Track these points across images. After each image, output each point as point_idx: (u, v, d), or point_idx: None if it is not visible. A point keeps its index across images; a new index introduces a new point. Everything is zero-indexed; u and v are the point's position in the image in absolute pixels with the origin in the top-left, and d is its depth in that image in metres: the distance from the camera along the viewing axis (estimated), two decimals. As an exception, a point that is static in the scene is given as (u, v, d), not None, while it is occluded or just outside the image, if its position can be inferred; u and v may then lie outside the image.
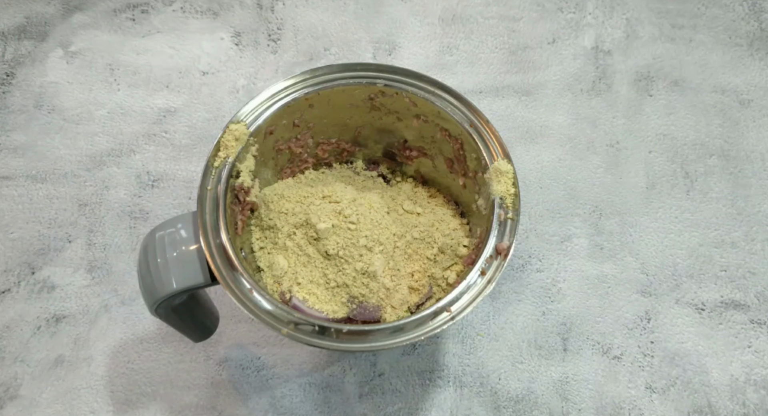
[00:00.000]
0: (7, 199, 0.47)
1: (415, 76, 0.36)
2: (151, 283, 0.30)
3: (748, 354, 0.44)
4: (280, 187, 0.38)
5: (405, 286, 0.36)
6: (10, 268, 0.45)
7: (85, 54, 0.53)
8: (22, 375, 0.42)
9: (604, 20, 0.56)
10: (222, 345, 0.43)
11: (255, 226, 0.37)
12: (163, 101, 0.51)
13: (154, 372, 0.42)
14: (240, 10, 0.55)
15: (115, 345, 0.43)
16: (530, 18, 0.56)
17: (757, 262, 0.47)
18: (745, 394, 0.43)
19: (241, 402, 0.42)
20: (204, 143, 0.50)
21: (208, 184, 0.33)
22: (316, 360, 0.43)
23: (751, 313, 0.45)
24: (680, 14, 0.56)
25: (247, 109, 0.35)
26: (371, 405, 0.42)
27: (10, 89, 0.51)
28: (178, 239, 0.31)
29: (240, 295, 0.30)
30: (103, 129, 0.50)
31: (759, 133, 0.51)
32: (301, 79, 0.36)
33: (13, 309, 0.44)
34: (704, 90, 0.53)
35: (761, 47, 0.55)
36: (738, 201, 0.49)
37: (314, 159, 0.41)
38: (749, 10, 0.56)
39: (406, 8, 0.56)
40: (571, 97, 0.52)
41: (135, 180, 0.48)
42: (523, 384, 0.42)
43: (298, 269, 0.36)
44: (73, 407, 0.41)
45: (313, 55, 0.53)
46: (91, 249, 0.46)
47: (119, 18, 0.55)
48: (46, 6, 0.55)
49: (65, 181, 0.48)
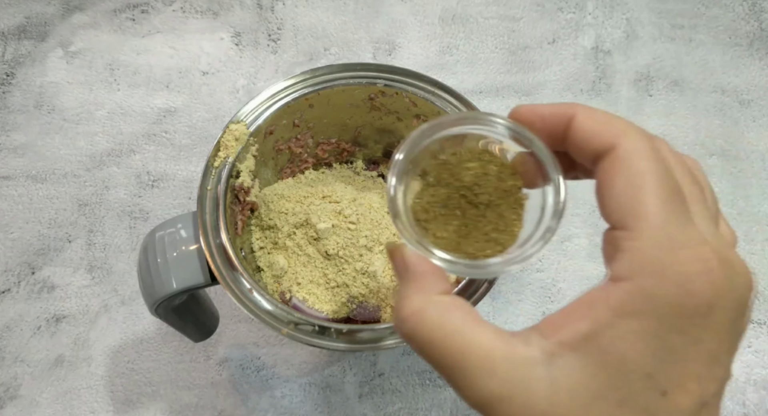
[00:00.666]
0: (7, 199, 0.47)
1: (415, 76, 0.36)
2: (151, 283, 0.30)
3: (748, 354, 0.44)
4: (280, 187, 0.38)
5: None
6: (10, 268, 0.45)
7: (85, 54, 0.53)
8: (22, 375, 0.42)
9: (604, 20, 0.56)
10: (222, 345, 0.43)
11: (255, 226, 0.37)
12: (163, 101, 0.51)
13: (154, 372, 0.42)
14: (240, 10, 0.55)
15: (115, 345, 0.43)
16: (530, 18, 0.56)
17: (757, 262, 0.47)
18: (745, 394, 0.43)
19: (241, 402, 0.42)
20: (204, 143, 0.50)
21: (208, 184, 0.33)
22: (316, 360, 0.43)
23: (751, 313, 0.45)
24: (680, 14, 0.56)
25: (247, 109, 0.35)
26: (371, 405, 0.42)
27: (10, 89, 0.51)
28: (178, 239, 0.31)
29: (240, 295, 0.30)
30: (103, 129, 0.50)
31: (759, 133, 0.51)
32: (301, 79, 0.36)
33: (13, 309, 0.44)
34: (704, 90, 0.53)
35: (761, 47, 0.55)
36: (738, 201, 0.49)
37: (314, 159, 0.41)
38: (749, 10, 0.56)
39: (406, 8, 0.56)
40: (571, 97, 0.52)
41: (135, 180, 0.48)
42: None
43: (298, 269, 0.36)
44: (73, 407, 0.41)
45: (313, 55, 0.53)
46: (91, 249, 0.46)
47: (119, 18, 0.55)
48: (46, 6, 0.55)
49: (65, 181, 0.48)
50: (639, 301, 0.17)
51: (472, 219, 0.23)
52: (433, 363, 0.19)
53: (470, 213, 0.23)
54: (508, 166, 0.23)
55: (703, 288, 0.17)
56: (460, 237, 0.22)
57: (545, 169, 0.21)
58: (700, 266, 0.17)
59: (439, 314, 0.19)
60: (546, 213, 0.21)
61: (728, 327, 0.18)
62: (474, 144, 0.23)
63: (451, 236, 0.22)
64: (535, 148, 0.21)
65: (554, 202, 0.21)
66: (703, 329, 0.17)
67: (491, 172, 0.23)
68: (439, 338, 0.19)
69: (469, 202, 0.23)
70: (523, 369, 0.18)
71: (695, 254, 0.17)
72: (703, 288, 0.17)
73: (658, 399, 0.17)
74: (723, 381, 0.18)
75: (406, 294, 0.20)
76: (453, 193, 0.23)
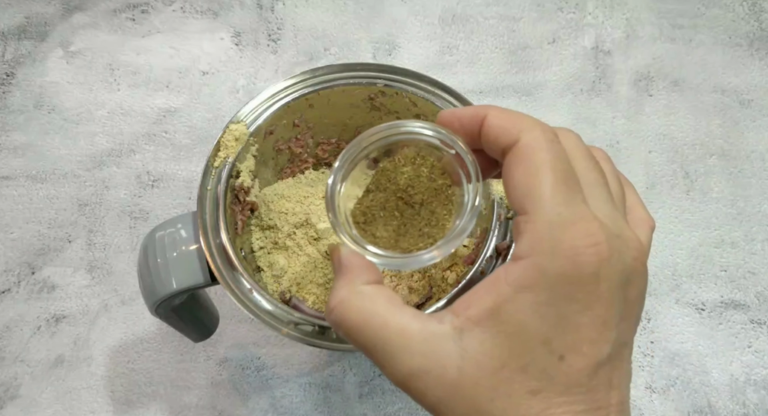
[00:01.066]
0: (7, 199, 0.47)
1: (415, 76, 0.36)
2: (151, 283, 0.30)
3: (748, 354, 0.44)
4: (280, 187, 0.38)
5: (405, 286, 0.36)
6: (10, 268, 0.45)
7: (85, 54, 0.53)
8: (22, 375, 0.42)
9: (604, 20, 0.56)
10: (222, 345, 0.43)
11: (255, 226, 0.37)
12: (163, 101, 0.51)
13: (154, 372, 0.42)
14: (240, 10, 0.55)
15: (115, 345, 0.43)
16: (530, 18, 0.56)
17: (757, 262, 0.47)
18: (745, 394, 0.43)
19: (241, 402, 0.42)
20: (204, 143, 0.50)
21: (208, 183, 0.33)
22: (316, 360, 0.43)
23: (751, 313, 0.45)
24: (680, 14, 0.56)
25: (247, 109, 0.35)
26: (371, 405, 0.42)
27: (10, 89, 0.51)
28: (178, 239, 0.31)
29: (240, 295, 0.30)
30: (103, 129, 0.50)
31: (759, 133, 0.51)
32: (301, 79, 0.36)
33: (13, 309, 0.44)
34: (704, 90, 0.53)
35: (761, 47, 0.55)
36: (738, 201, 0.49)
37: (314, 159, 0.41)
38: (749, 10, 0.56)
39: (406, 8, 0.56)
40: (571, 97, 0.52)
41: (135, 180, 0.48)
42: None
43: (298, 269, 0.36)
44: (73, 407, 0.41)
45: (313, 55, 0.53)
46: (91, 249, 0.46)
47: (119, 18, 0.55)
48: (46, 6, 0.55)
49: (65, 181, 0.48)
50: (533, 275, 0.19)
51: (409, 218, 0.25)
52: (359, 347, 0.21)
53: (407, 213, 0.25)
54: (438, 167, 0.25)
55: (590, 260, 0.19)
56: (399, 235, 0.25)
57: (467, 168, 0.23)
58: (587, 240, 0.19)
59: (361, 301, 0.21)
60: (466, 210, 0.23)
61: (615, 294, 0.19)
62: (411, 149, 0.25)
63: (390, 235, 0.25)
64: (458, 149, 0.23)
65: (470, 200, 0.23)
66: (592, 296, 0.19)
67: (423, 174, 0.25)
68: (361, 323, 0.21)
69: (405, 203, 0.25)
70: (436, 344, 0.19)
71: (583, 229, 0.19)
72: (589, 260, 0.19)
73: (556, 363, 0.19)
74: (616, 343, 0.19)
75: (336, 286, 0.22)
76: (390, 196, 0.25)
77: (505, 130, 0.21)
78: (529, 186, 0.20)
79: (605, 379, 0.19)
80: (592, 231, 0.19)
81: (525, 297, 0.19)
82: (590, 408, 0.19)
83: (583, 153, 0.21)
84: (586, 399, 0.19)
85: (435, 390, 0.19)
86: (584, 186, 0.20)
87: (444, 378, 0.19)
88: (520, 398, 0.19)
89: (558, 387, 0.19)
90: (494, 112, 0.22)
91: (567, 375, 0.19)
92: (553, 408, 0.19)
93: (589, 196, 0.20)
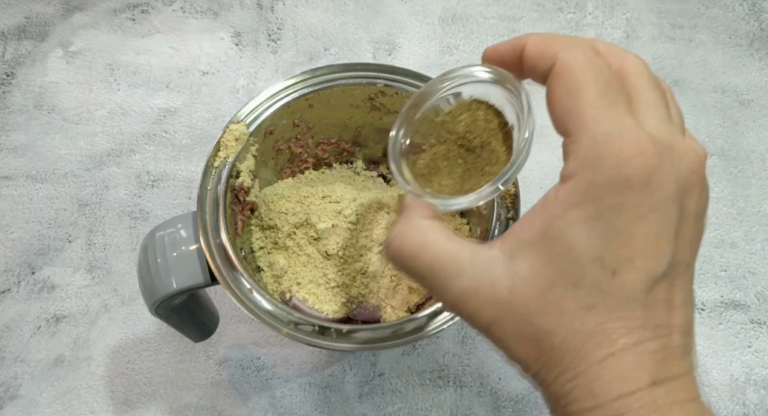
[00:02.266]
0: (7, 199, 0.47)
1: (415, 76, 0.36)
2: (151, 283, 0.30)
3: (748, 354, 0.44)
4: (280, 187, 0.38)
5: (405, 286, 0.36)
6: (10, 268, 0.45)
7: (85, 54, 0.53)
8: (22, 375, 0.42)
9: (604, 20, 0.56)
10: (222, 345, 0.43)
11: (255, 226, 0.37)
12: (163, 101, 0.51)
13: (154, 372, 0.42)
14: (240, 10, 0.55)
15: (115, 345, 0.43)
16: (530, 18, 0.56)
17: (757, 262, 0.47)
18: (745, 394, 0.43)
19: (241, 402, 0.42)
20: (204, 143, 0.50)
21: (208, 184, 0.33)
22: (316, 360, 0.43)
23: (751, 313, 0.45)
24: (680, 14, 0.56)
25: (247, 109, 0.35)
26: (371, 405, 0.42)
27: (10, 89, 0.51)
28: (178, 239, 0.31)
29: (240, 295, 0.30)
30: (103, 129, 0.50)
31: (759, 133, 0.51)
32: (301, 79, 0.36)
33: (13, 309, 0.44)
34: (704, 90, 0.53)
35: (761, 47, 0.55)
36: (738, 201, 0.49)
37: (314, 159, 0.41)
38: (749, 10, 0.56)
39: (406, 8, 0.56)
40: (571, 97, 0.52)
41: (135, 180, 0.48)
42: (523, 384, 0.42)
43: (298, 269, 0.36)
44: (73, 407, 0.41)
45: (313, 55, 0.53)
46: (91, 249, 0.46)
47: (119, 18, 0.55)
48: (46, 6, 0.55)
49: (65, 181, 0.48)
50: (580, 191, 0.19)
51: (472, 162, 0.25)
52: (413, 275, 0.22)
53: (470, 158, 0.25)
54: (493, 108, 0.25)
55: (636, 169, 0.18)
56: (464, 180, 0.25)
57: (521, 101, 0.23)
58: (633, 149, 0.18)
59: (417, 232, 0.22)
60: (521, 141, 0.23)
61: (668, 204, 0.18)
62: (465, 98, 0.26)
63: (456, 181, 0.25)
64: (509, 83, 0.23)
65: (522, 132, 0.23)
66: (642, 207, 0.18)
67: (479, 118, 0.25)
68: (416, 250, 0.21)
69: (467, 150, 0.25)
70: (486, 267, 0.20)
71: (629, 140, 0.18)
72: (635, 169, 0.18)
73: (609, 278, 0.18)
74: (673, 260, 0.19)
75: (395, 223, 0.23)
76: (452, 147, 0.26)
77: (543, 54, 0.21)
78: (569, 106, 0.19)
79: (663, 297, 0.19)
80: (637, 141, 0.18)
81: (573, 214, 0.19)
82: (647, 324, 0.18)
83: (639, 70, 0.21)
84: (643, 315, 0.18)
85: (486, 310, 0.20)
86: (641, 104, 0.20)
87: (494, 297, 0.20)
88: (573, 313, 0.19)
89: (612, 302, 0.18)
90: (532, 39, 0.22)
91: (621, 289, 0.18)
92: (609, 323, 0.18)
93: (645, 114, 0.20)
